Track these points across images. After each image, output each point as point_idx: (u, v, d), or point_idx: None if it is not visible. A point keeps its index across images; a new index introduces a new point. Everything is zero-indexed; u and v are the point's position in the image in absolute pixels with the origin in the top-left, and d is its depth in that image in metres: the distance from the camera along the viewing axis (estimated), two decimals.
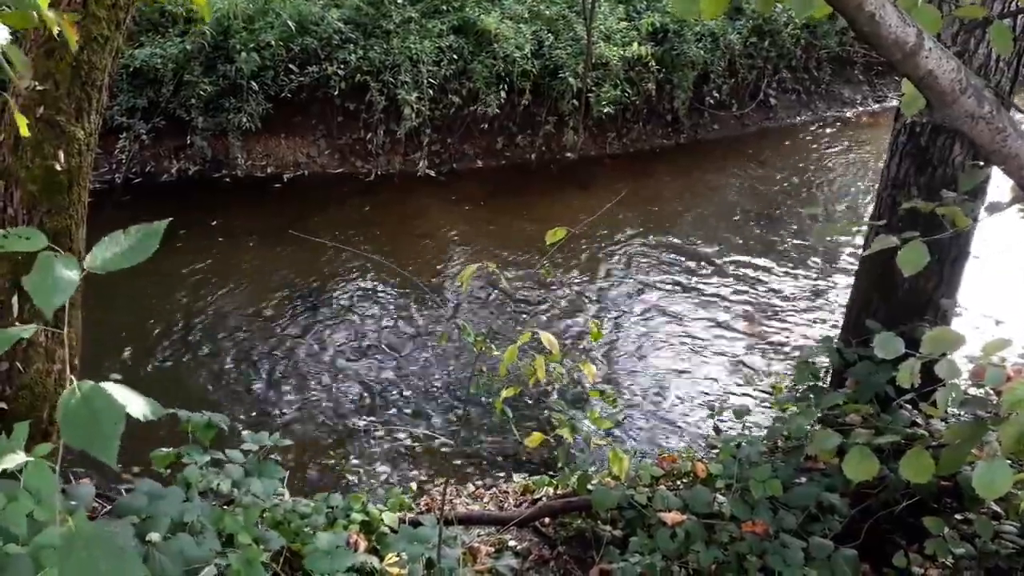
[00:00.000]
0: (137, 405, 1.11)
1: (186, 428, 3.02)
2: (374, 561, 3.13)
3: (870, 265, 3.69)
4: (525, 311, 6.95)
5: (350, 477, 4.89)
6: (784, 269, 7.76)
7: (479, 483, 4.81)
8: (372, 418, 5.48)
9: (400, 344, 6.38)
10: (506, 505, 4.45)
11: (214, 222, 8.16)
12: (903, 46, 1.63)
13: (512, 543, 3.92)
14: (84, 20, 2.85)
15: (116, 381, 1.08)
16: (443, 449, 5.17)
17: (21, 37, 2.88)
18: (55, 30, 1.66)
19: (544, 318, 6.83)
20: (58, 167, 2.96)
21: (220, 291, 7.00)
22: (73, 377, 1.01)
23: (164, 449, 3.02)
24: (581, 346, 6.43)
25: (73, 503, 2.31)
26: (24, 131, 1.88)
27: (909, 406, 3.17)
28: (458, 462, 5.00)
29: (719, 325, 6.75)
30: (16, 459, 1.23)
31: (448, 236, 8.22)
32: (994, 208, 2.29)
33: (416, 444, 5.22)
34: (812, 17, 1.92)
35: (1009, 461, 1.86)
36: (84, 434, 0.97)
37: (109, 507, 3.03)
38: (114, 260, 1.10)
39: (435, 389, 5.83)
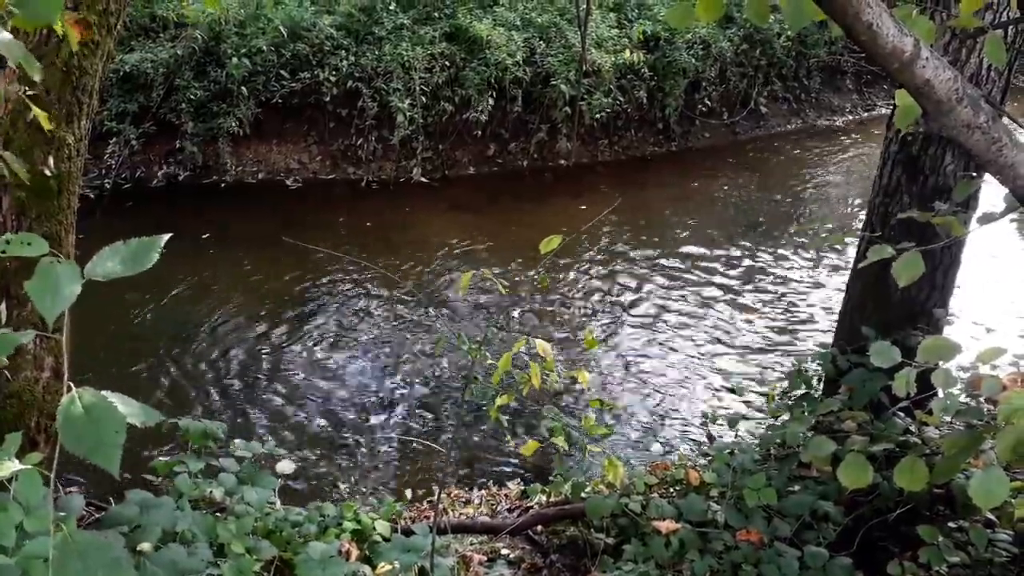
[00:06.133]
0: (133, 411, 1.09)
1: (186, 438, 3.00)
2: (366, 570, 3.10)
3: (863, 274, 3.70)
4: (519, 318, 6.94)
5: (342, 485, 4.85)
6: (775, 276, 7.78)
7: (473, 491, 4.78)
8: (365, 426, 5.46)
9: (393, 351, 6.36)
10: (499, 511, 4.43)
11: (204, 228, 8.12)
12: (900, 55, 1.63)
13: (505, 551, 3.90)
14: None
15: (106, 389, 1.07)
16: (437, 458, 5.14)
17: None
18: (60, 31, 1.65)
19: (538, 326, 6.82)
20: (48, 172, 2.93)
21: (210, 298, 6.96)
22: (72, 384, 0.99)
23: (163, 458, 3.00)
24: (576, 353, 6.42)
25: (63, 513, 2.29)
26: (45, 124, 1.87)
27: (903, 414, 3.17)
28: (451, 470, 4.98)
29: (711, 332, 6.75)
30: (9, 468, 1.21)
31: (441, 243, 8.21)
32: (988, 219, 2.30)
33: (409, 452, 5.20)
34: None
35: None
36: (86, 442, 0.96)
37: (98, 516, 3.00)
38: (114, 270, 1.09)
39: (429, 397, 5.81)
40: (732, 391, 5.90)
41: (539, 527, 4.06)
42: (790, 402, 3.78)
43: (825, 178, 10.64)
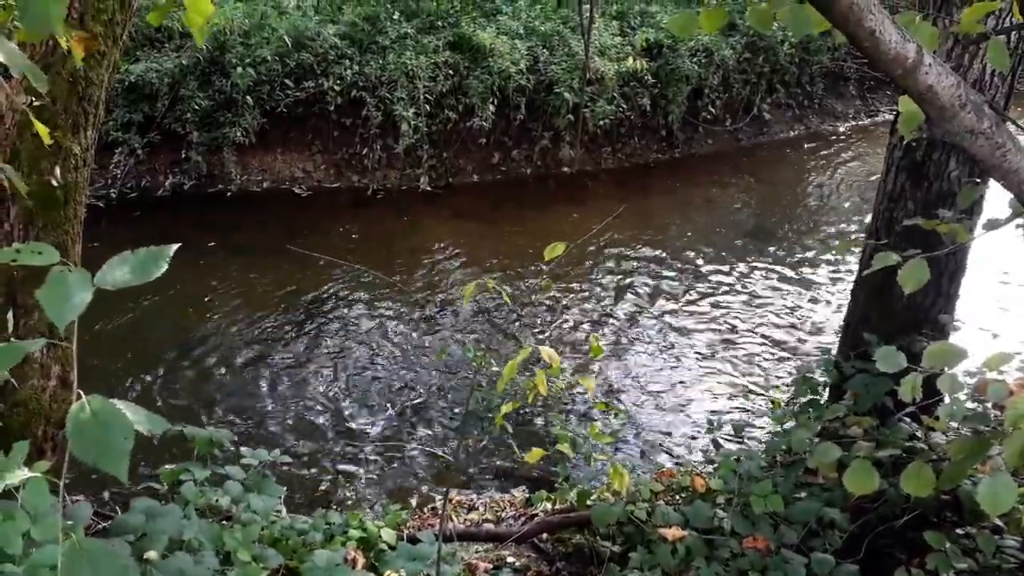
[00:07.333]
0: (139, 419, 1.10)
1: (192, 445, 3.00)
2: None
3: (868, 281, 3.70)
4: (524, 326, 6.94)
5: (348, 493, 4.85)
6: (780, 283, 7.77)
7: (477, 498, 4.78)
8: (370, 434, 5.46)
9: (399, 359, 6.36)
10: (504, 518, 4.42)
11: (209, 237, 8.14)
12: (903, 62, 1.64)
13: (511, 559, 3.89)
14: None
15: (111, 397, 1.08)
16: (442, 465, 5.14)
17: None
18: (64, 45, 1.66)
19: (543, 333, 6.82)
20: (55, 182, 2.94)
21: (215, 306, 6.97)
22: (81, 392, 1.00)
23: (169, 467, 3.00)
24: (580, 361, 6.42)
25: (71, 522, 2.29)
26: (46, 139, 1.89)
27: (909, 419, 3.17)
28: (457, 478, 4.97)
29: (716, 339, 6.75)
30: (19, 476, 1.22)
31: (445, 251, 8.22)
32: (993, 225, 2.30)
33: (415, 460, 5.20)
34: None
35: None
36: (95, 449, 0.97)
37: (104, 525, 3.00)
38: (123, 279, 1.10)
39: (434, 404, 5.80)
40: (737, 397, 5.89)
41: (544, 535, 4.05)
42: (796, 409, 3.77)
43: (829, 184, 10.64)
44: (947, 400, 2.49)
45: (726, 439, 5.21)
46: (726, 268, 8.05)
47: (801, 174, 10.97)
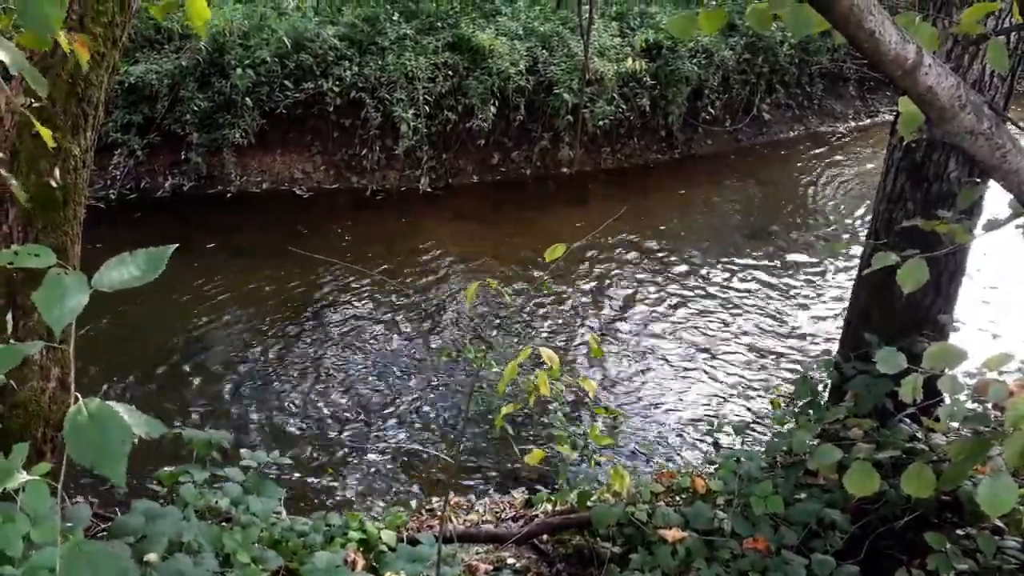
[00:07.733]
0: (137, 422, 1.10)
1: (192, 447, 3.00)
2: None
3: (868, 281, 3.70)
4: (524, 327, 6.94)
5: (348, 495, 4.85)
6: (780, 284, 7.77)
7: (478, 499, 4.78)
8: (370, 435, 5.45)
9: (399, 360, 6.36)
10: (503, 519, 4.42)
11: (209, 238, 8.14)
12: (903, 63, 1.64)
13: (511, 560, 3.89)
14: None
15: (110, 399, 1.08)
16: (442, 469, 5.13)
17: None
18: (67, 50, 1.67)
19: (544, 334, 6.82)
20: (54, 184, 2.94)
21: (214, 308, 6.97)
22: (78, 395, 1.00)
23: (168, 468, 3.00)
24: (581, 362, 6.42)
25: (70, 524, 2.29)
26: (50, 142, 1.89)
27: (909, 420, 3.16)
28: (457, 479, 4.97)
29: (717, 340, 6.74)
30: (17, 479, 1.22)
31: (445, 252, 8.22)
32: (993, 225, 2.29)
33: (415, 461, 5.19)
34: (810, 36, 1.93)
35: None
36: (92, 452, 0.96)
37: (104, 527, 3.00)
38: (121, 280, 1.10)
39: (434, 406, 5.80)
40: (737, 398, 5.88)
41: (545, 536, 4.05)
42: (796, 410, 3.77)
43: (828, 185, 10.64)
44: (947, 401, 2.49)
45: (727, 440, 5.20)
46: (727, 268, 8.05)
47: (801, 174, 10.97)
